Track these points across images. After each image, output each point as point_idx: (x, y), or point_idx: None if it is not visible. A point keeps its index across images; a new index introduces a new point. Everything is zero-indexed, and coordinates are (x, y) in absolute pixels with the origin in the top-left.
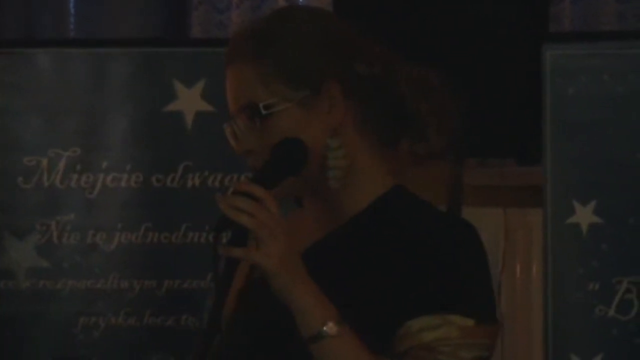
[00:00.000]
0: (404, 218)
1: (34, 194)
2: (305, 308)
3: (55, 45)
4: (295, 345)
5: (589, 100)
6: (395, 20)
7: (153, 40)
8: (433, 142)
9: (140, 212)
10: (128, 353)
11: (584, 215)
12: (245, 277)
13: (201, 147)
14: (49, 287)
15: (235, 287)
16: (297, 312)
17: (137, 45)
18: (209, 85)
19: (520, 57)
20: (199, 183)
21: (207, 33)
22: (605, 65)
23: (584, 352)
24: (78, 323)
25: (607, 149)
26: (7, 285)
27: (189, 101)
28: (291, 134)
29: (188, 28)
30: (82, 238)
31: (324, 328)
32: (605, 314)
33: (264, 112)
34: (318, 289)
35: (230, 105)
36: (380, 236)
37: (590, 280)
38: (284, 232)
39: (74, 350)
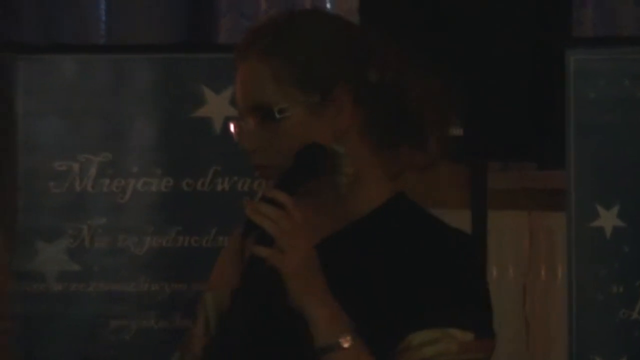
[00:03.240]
0: (405, 229)
1: (66, 199)
2: (320, 319)
3: (85, 52)
4: (291, 347)
5: (611, 104)
6: (420, 25)
7: (182, 46)
8: (431, 151)
9: (170, 216)
10: (159, 355)
11: (608, 219)
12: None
13: (230, 152)
14: (80, 290)
15: (232, 285)
16: (311, 322)
17: (167, 52)
18: None
19: (542, 62)
20: (229, 187)
21: (234, 39)
22: (626, 69)
23: (608, 354)
24: (109, 325)
25: (630, 152)
26: (38, 288)
27: (218, 107)
28: (299, 137)
29: (216, 34)
30: (113, 242)
31: (339, 340)
32: (628, 316)
33: (278, 116)
34: (335, 300)
35: (239, 101)
36: (380, 247)
37: (614, 283)
38: (305, 240)
39: (105, 352)
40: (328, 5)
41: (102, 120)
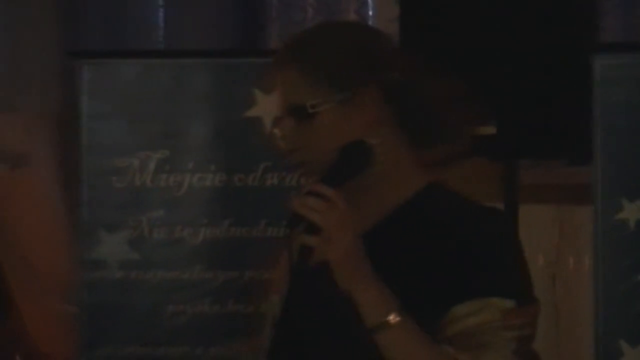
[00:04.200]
0: (442, 211)
1: (126, 193)
2: (368, 300)
3: (145, 57)
4: (344, 333)
5: (634, 105)
6: (457, 32)
7: (235, 51)
8: (456, 145)
9: (223, 208)
10: (212, 338)
11: (632, 211)
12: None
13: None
14: (139, 277)
15: (284, 278)
16: (360, 304)
17: (221, 57)
18: None
19: (571, 67)
20: (277, 182)
21: None
22: None
23: (633, 338)
24: (166, 311)
25: None
26: (101, 275)
27: (268, 107)
28: (333, 132)
29: (266, 40)
30: (171, 232)
31: (387, 319)
32: None
33: (310, 110)
34: (380, 282)
35: (278, 106)
36: (421, 229)
37: (637, 271)
38: (351, 229)
39: (162, 335)
40: (370, 13)
41: (161, 120)
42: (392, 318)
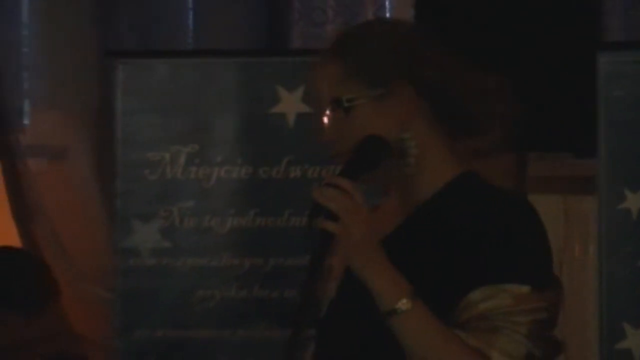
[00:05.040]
0: (468, 199)
1: (159, 185)
2: (379, 287)
3: (176, 56)
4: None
5: (637, 101)
6: (469, 32)
7: (259, 51)
8: (488, 139)
9: (249, 199)
10: (239, 321)
11: (635, 201)
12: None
13: (301, 144)
14: (170, 264)
15: (336, 277)
16: (372, 291)
17: (246, 56)
18: (308, 90)
19: (576, 65)
20: (300, 175)
21: (305, 44)
22: None
23: (635, 320)
24: (195, 296)
25: None
26: (134, 262)
27: (291, 104)
28: (368, 126)
29: (289, 40)
30: (200, 222)
31: (398, 304)
32: None
33: (345, 104)
34: (393, 269)
35: (317, 100)
36: (447, 217)
37: (639, 258)
38: (365, 219)
39: (192, 319)
40: (387, 15)
41: (191, 116)
42: (404, 304)
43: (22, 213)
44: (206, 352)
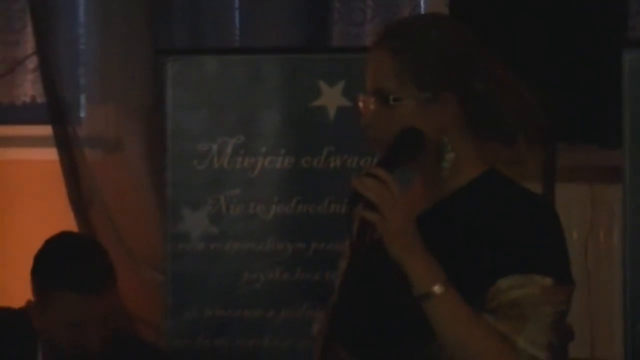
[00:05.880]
0: (494, 193)
1: (206, 174)
2: (416, 271)
3: (224, 53)
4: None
5: None
6: (504, 30)
7: (303, 48)
8: (518, 150)
9: (292, 188)
10: (282, 302)
11: None
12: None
13: (341, 136)
14: (218, 249)
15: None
16: (409, 275)
17: (290, 53)
18: (348, 85)
19: (603, 61)
20: (340, 165)
21: (345, 42)
22: None
23: None
24: (242, 278)
25: None
26: (184, 247)
27: (332, 98)
28: (408, 122)
29: (330, 38)
30: (245, 209)
31: (432, 289)
32: None
33: (392, 103)
34: (429, 256)
35: (366, 83)
36: (475, 209)
37: None
38: (402, 207)
39: (238, 300)
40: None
41: (237, 109)
42: (437, 289)
43: (79, 202)
44: (252, 331)
